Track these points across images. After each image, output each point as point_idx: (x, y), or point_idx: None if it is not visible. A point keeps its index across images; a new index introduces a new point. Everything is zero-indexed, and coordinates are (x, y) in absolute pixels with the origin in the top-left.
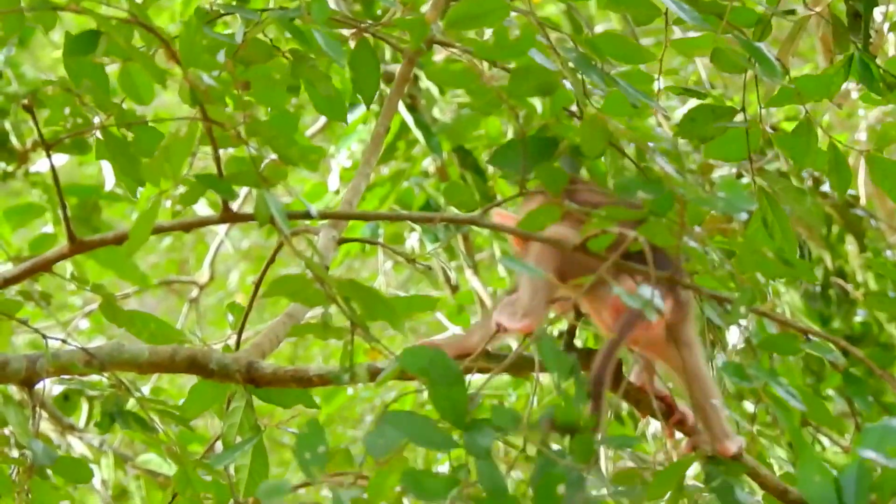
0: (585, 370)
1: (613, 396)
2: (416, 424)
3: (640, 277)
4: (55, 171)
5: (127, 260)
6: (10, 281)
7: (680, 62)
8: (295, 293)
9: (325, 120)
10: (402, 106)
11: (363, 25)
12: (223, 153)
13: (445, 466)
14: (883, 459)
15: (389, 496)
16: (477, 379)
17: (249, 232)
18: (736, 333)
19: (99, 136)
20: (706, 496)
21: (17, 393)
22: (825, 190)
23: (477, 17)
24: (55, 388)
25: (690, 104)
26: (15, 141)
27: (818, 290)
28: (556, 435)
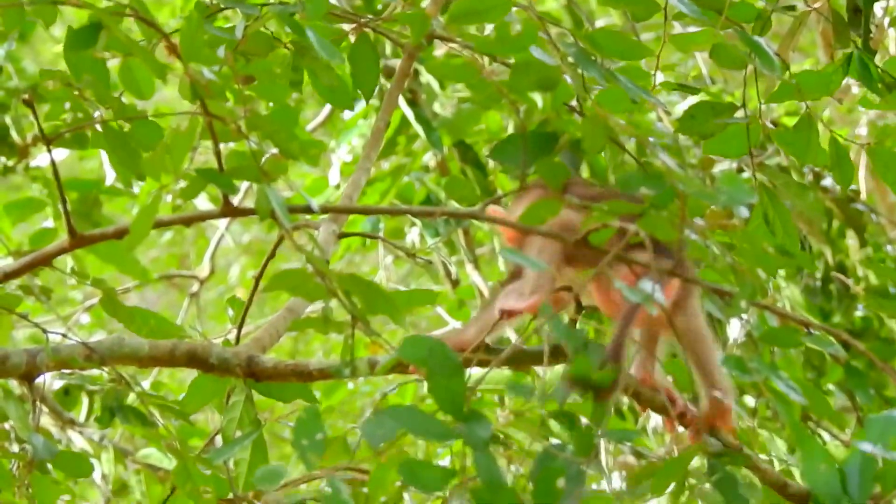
0: None
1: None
2: (414, 416)
3: (647, 256)
4: (55, 165)
5: (127, 254)
6: (10, 275)
7: (680, 57)
8: (295, 287)
9: (325, 114)
10: (402, 101)
11: (363, 20)
12: (224, 147)
13: (446, 462)
14: (884, 452)
15: (390, 490)
16: (476, 373)
17: (250, 226)
18: (737, 327)
19: (99, 129)
20: (708, 489)
21: (17, 388)
22: (826, 185)
23: (478, 12)
24: (56, 382)
25: (691, 100)
26: (15, 136)
27: (818, 285)
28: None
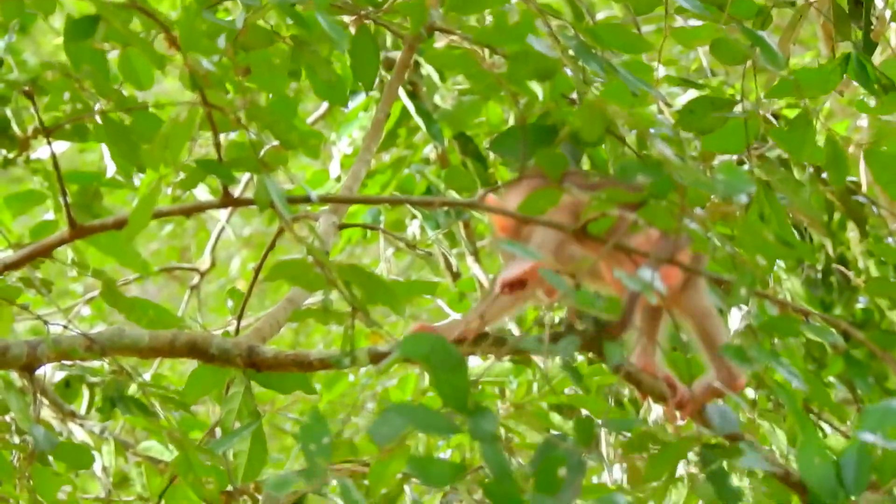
0: (587, 351)
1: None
2: (420, 412)
3: (657, 232)
4: (55, 157)
5: (128, 246)
6: (10, 266)
7: (681, 50)
8: (295, 277)
9: (326, 107)
10: (403, 93)
11: (364, 12)
12: (223, 138)
13: (446, 455)
14: (883, 441)
15: (390, 483)
16: (477, 367)
17: (251, 219)
18: (737, 317)
19: (98, 121)
20: (701, 480)
21: (18, 380)
22: (827, 177)
23: (477, 1)
24: (56, 374)
25: (692, 93)
26: (16, 128)
27: (819, 277)
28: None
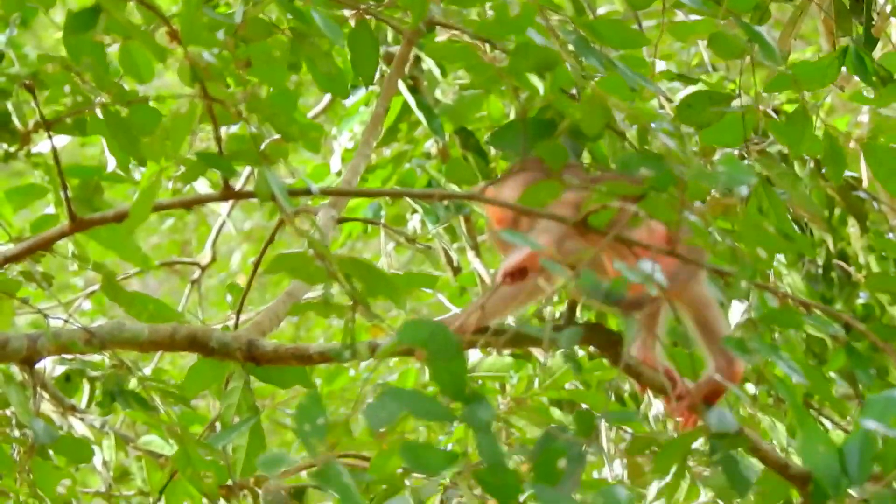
0: (587, 344)
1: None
2: (416, 398)
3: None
4: (56, 151)
5: (128, 240)
6: (10, 259)
7: (682, 45)
8: (296, 270)
9: (326, 101)
10: (404, 87)
11: (363, 6)
12: (224, 131)
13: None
14: (885, 430)
15: (391, 477)
16: (477, 359)
17: (252, 213)
18: (737, 310)
19: (99, 114)
20: (708, 469)
21: (18, 374)
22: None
23: None
24: (57, 369)
25: (692, 88)
26: (17, 122)
27: (820, 272)
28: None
